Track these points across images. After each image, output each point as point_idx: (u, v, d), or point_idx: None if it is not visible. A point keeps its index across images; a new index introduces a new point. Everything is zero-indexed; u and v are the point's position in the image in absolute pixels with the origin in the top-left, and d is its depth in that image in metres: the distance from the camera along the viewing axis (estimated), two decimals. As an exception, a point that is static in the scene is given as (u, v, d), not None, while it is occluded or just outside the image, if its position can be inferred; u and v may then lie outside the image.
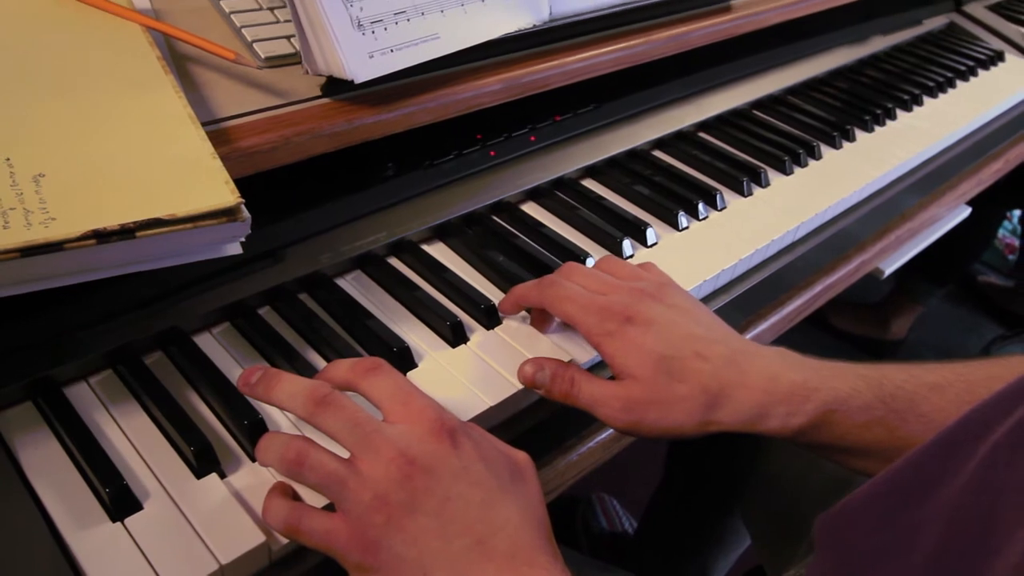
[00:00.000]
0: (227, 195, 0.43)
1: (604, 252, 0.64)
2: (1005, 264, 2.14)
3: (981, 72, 1.07)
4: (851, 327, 1.84)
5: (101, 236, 0.40)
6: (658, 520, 1.13)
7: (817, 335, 1.84)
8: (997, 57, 1.12)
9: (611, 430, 0.58)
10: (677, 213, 0.67)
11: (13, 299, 0.40)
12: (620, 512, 1.36)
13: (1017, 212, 2.17)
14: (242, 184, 0.44)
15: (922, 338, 1.85)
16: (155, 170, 0.44)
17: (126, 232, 0.40)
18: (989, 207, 1.60)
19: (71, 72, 0.49)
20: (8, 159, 0.42)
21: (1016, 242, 2.13)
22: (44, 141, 0.44)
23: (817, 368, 0.51)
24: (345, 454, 0.40)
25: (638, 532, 1.21)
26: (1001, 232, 2.19)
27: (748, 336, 0.72)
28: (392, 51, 0.57)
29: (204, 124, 0.48)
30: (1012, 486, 0.32)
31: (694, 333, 0.50)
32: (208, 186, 0.44)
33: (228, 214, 0.43)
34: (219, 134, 0.50)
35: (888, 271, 0.98)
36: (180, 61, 0.56)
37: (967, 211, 1.08)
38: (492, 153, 0.67)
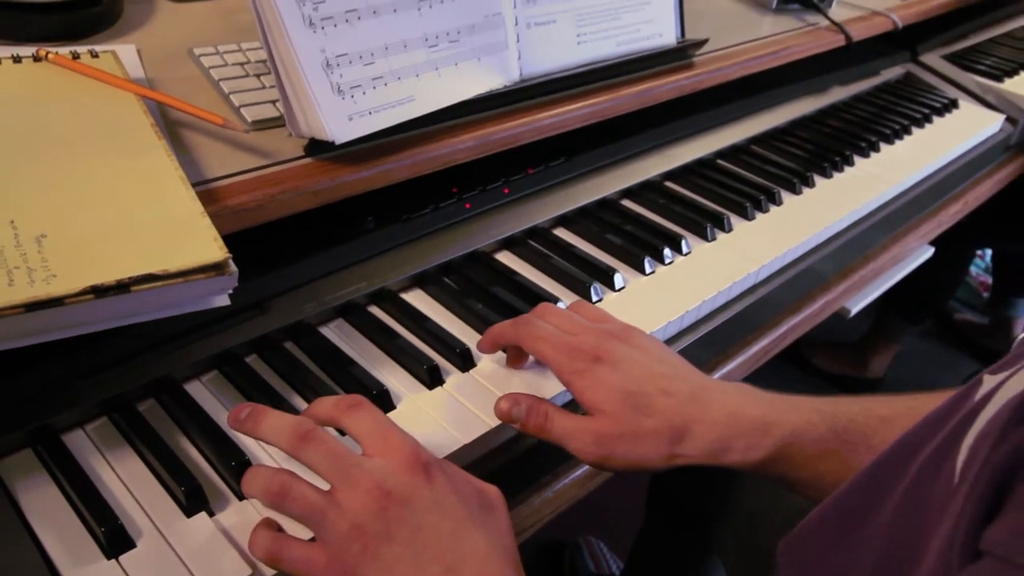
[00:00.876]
0: (215, 251, 0.47)
1: (574, 297, 0.67)
2: (980, 301, 2.19)
3: (936, 119, 1.13)
4: (830, 366, 1.88)
5: (99, 291, 0.43)
6: (641, 562, 1.15)
7: (797, 374, 1.87)
8: (952, 104, 1.18)
9: (585, 467, 0.61)
10: (643, 259, 0.71)
11: (14, 351, 0.43)
12: (607, 555, 1.38)
13: (989, 251, 2.23)
14: (231, 239, 0.47)
15: (900, 376, 1.89)
16: (149, 229, 0.47)
17: (122, 287, 0.43)
18: (957, 247, 1.65)
19: (71, 139, 0.53)
20: (12, 221, 0.46)
21: (990, 280, 2.18)
22: (46, 204, 0.47)
23: (775, 403, 0.54)
24: (327, 487, 0.43)
25: (624, 574, 1.22)
26: (975, 270, 2.25)
27: (717, 374, 0.75)
28: (370, 113, 0.61)
29: (194, 184, 0.52)
30: (930, 503, 0.35)
31: (658, 371, 0.53)
32: (198, 243, 0.47)
33: (216, 268, 0.46)
34: (208, 194, 0.54)
35: (854, 310, 1.02)
36: (172, 126, 0.60)
37: (930, 251, 1.13)
38: (467, 205, 0.71)
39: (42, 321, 0.42)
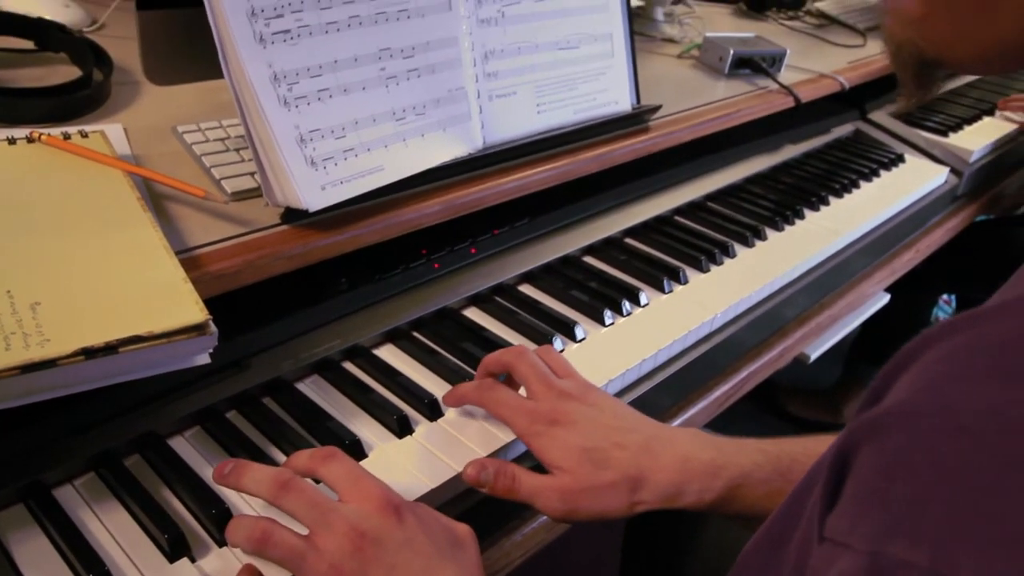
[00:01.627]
0: (197, 313, 0.51)
1: (538, 349, 0.71)
2: (948, 345, 2.24)
3: (884, 173, 1.20)
4: (806, 413, 1.92)
5: (89, 353, 0.47)
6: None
7: (773, 421, 1.91)
8: (899, 159, 1.25)
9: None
10: (603, 311, 0.76)
11: (7, 411, 0.46)
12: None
13: (954, 296, 2.29)
14: (213, 302, 0.52)
15: (874, 420, 1.92)
16: (135, 294, 0.51)
17: (110, 349, 0.47)
18: (917, 293, 1.71)
19: (64, 213, 0.57)
20: (8, 291, 0.50)
21: (956, 324, 2.24)
22: (40, 274, 0.51)
23: (723, 447, 0.58)
24: (306, 532, 0.46)
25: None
26: (942, 315, 2.31)
27: (680, 420, 0.79)
28: (342, 183, 0.66)
29: (178, 253, 0.56)
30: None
31: (613, 426, 0.57)
32: (181, 306, 0.51)
33: (198, 329, 0.50)
34: (191, 260, 0.58)
35: (814, 355, 1.06)
36: (157, 199, 0.64)
37: (886, 298, 1.18)
38: (436, 265, 0.75)
39: (36, 382, 0.46)
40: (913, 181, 1.19)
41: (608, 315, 0.76)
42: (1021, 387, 0.23)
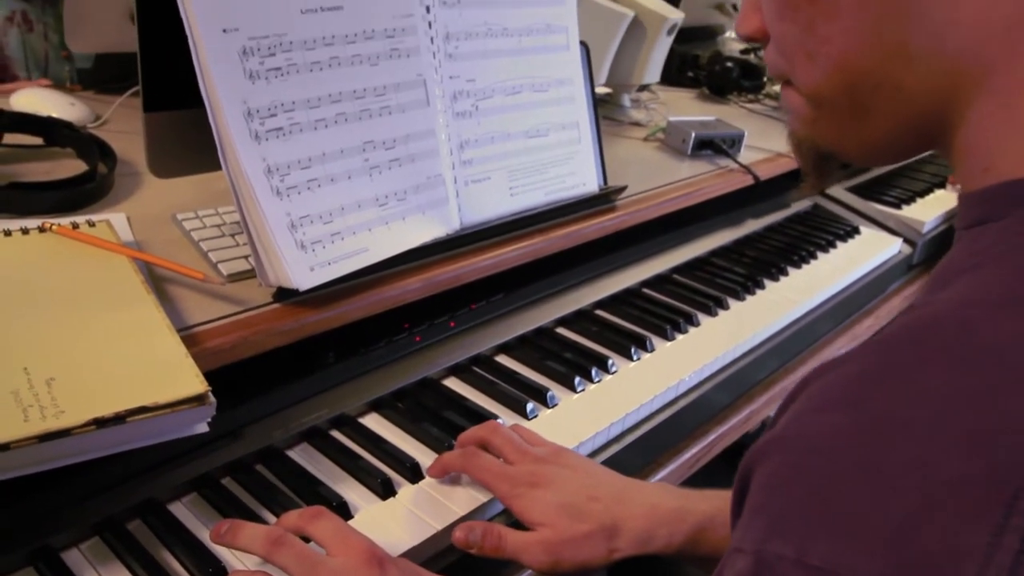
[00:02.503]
0: (197, 385, 0.55)
1: (514, 415, 0.76)
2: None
3: (840, 244, 1.27)
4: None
5: (100, 423, 0.51)
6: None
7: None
8: (854, 231, 1.33)
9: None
10: (574, 379, 0.81)
11: (19, 479, 0.50)
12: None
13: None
14: (209, 375, 0.56)
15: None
16: (141, 369, 0.56)
17: (119, 419, 0.52)
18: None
19: (75, 296, 0.63)
20: (26, 368, 0.55)
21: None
22: (54, 352, 0.56)
23: (688, 495, 0.64)
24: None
25: None
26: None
27: (652, 480, 0.84)
28: (330, 264, 0.72)
29: (179, 330, 0.61)
30: None
31: (586, 483, 0.63)
32: (182, 379, 0.56)
33: (198, 400, 0.55)
34: (191, 337, 0.63)
35: (781, 419, 1.11)
36: (159, 281, 0.70)
37: (848, 362, 1.24)
38: (417, 338, 0.81)
39: (52, 450, 0.50)
40: (868, 251, 1.26)
41: (579, 382, 0.81)
42: (857, 413, 0.29)
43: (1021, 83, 0.34)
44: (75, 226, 0.72)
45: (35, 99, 0.99)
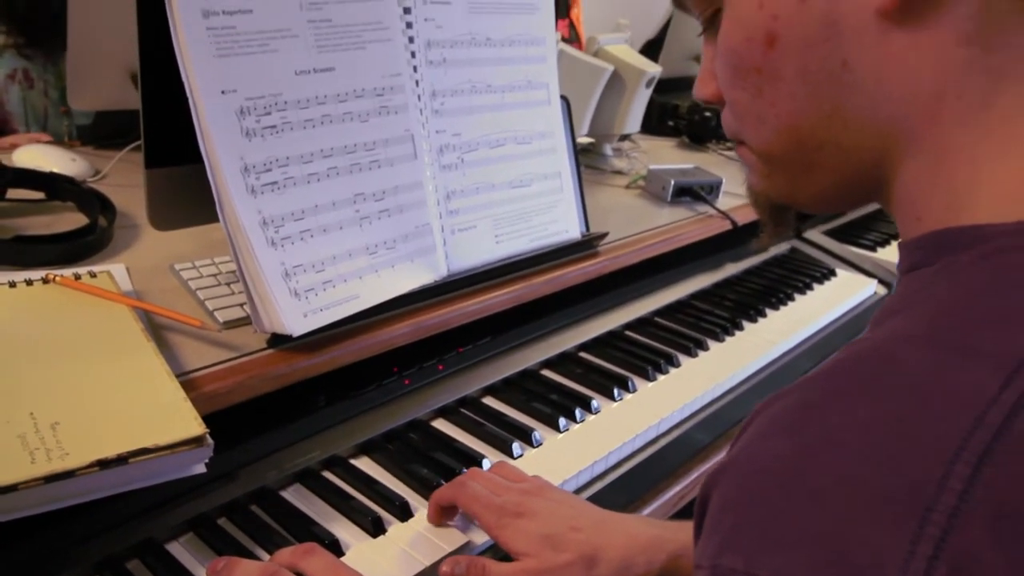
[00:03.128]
0: (196, 427, 0.58)
1: (500, 454, 0.79)
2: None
3: (817, 286, 1.31)
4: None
5: (103, 464, 0.54)
6: None
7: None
8: (830, 273, 1.37)
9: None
10: (558, 419, 0.84)
11: (23, 521, 0.52)
12: None
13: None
14: (205, 419, 0.59)
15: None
16: (141, 412, 0.59)
17: (122, 460, 0.55)
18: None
19: (78, 344, 0.65)
20: (32, 413, 0.57)
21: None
22: (58, 397, 0.59)
23: (666, 525, 0.67)
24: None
25: None
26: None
27: (635, 519, 0.86)
28: (322, 310, 0.75)
29: (178, 375, 0.64)
30: None
31: (568, 514, 0.65)
32: (181, 422, 0.59)
33: (197, 441, 0.58)
34: (189, 382, 0.66)
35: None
36: (158, 329, 0.73)
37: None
38: (406, 381, 0.84)
39: (57, 491, 0.53)
40: (844, 293, 1.30)
41: (563, 422, 0.84)
42: (796, 438, 0.32)
43: (943, 146, 0.38)
44: (77, 277, 0.75)
45: (37, 155, 1.03)
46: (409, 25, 0.83)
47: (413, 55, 0.84)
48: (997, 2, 0.35)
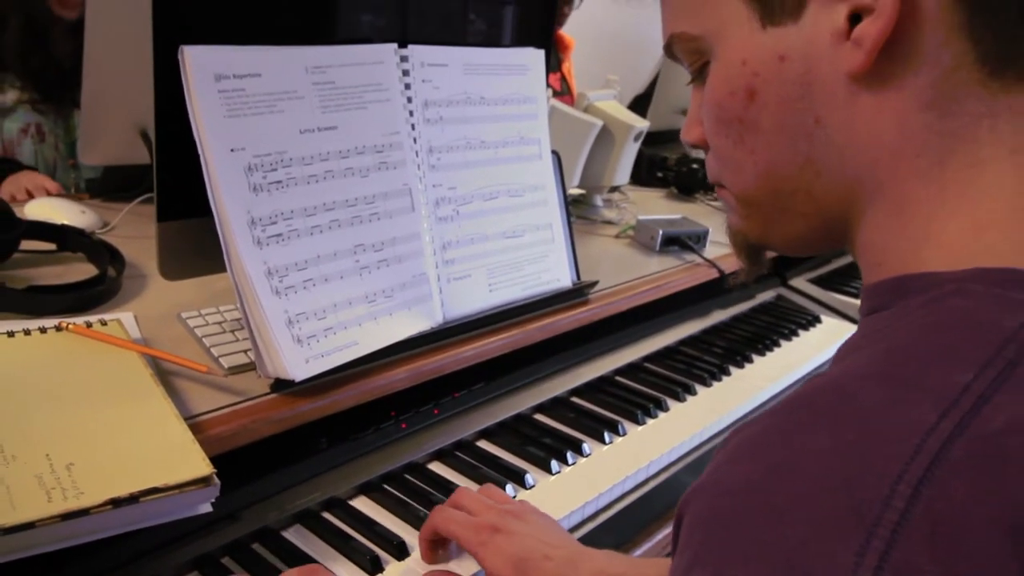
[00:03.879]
0: (204, 467, 0.61)
1: (494, 496, 0.81)
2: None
3: (802, 333, 1.35)
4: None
5: (116, 502, 0.57)
6: None
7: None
8: (815, 320, 1.41)
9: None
10: (550, 461, 0.87)
11: (35, 559, 0.55)
12: None
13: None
14: (212, 461, 0.62)
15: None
16: (151, 453, 0.62)
17: (133, 499, 0.57)
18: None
19: (91, 388, 0.69)
20: (47, 455, 0.60)
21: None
22: (73, 439, 0.62)
23: (635, 563, 0.70)
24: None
25: None
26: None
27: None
28: (323, 356, 0.78)
29: (186, 418, 0.67)
30: None
31: (543, 540, 0.68)
32: (190, 462, 0.62)
33: (204, 481, 0.60)
34: (195, 426, 0.69)
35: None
36: (166, 375, 0.76)
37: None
38: (404, 425, 0.87)
39: (72, 528, 0.56)
40: (829, 339, 1.34)
41: (555, 465, 0.87)
42: (760, 463, 0.36)
43: (903, 199, 0.42)
44: (89, 325, 0.78)
45: (48, 208, 1.07)
46: (408, 86, 0.88)
47: (411, 114, 0.89)
48: (953, 73, 0.40)
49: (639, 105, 1.98)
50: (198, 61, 0.71)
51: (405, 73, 0.88)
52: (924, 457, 0.31)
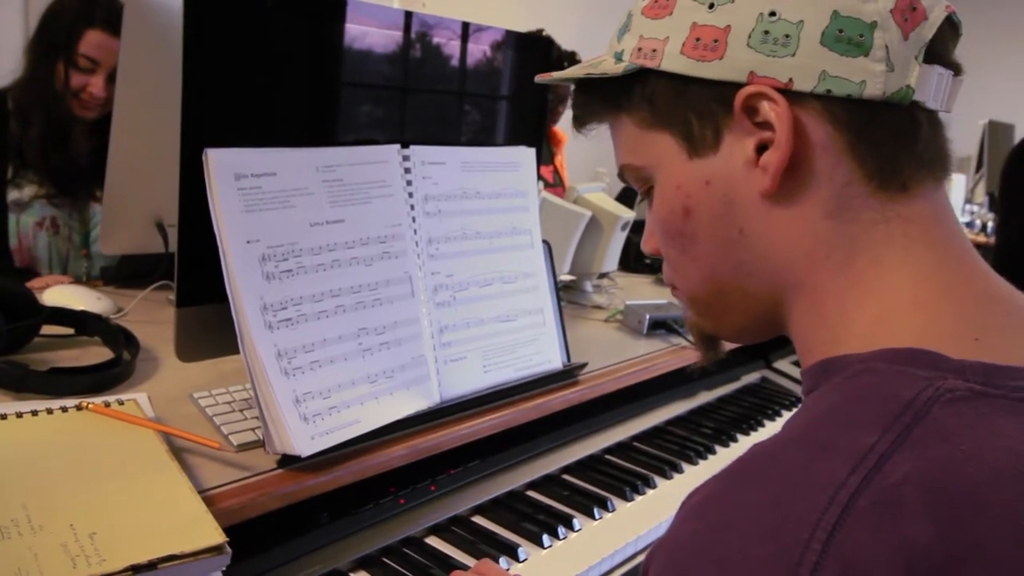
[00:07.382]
0: (217, 537, 0.65)
1: (488, 569, 0.85)
2: None
3: (785, 413, 1.40)
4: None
5: (136, 569, 0.61)
6: None
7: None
8: (798, 401, 1.46)
9: None
10: (542, 536, 0.90)
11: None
12: None
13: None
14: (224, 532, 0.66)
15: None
16: (168, 523, 0.66)
17: (151, 565, 0.62)
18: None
19: (109, 464, 0.73)
20: (72, 524, 0.64)
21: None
22: (95, 510, 0.66)
23: None
24: None
25: None
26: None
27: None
28: (327, 433, 0.83)
29: (199, 492, 0.71)
30: None
31: None
32: (204, 532, 0.66)
33: (217, 550, 0.65)
34: (208, 498, 0.73)
35: None
36: (179, 451, 0.80)
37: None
38: (402, 501, 0.91)
39: (94, 593, 0.60)
40: (812, 419, 1.38)
41: (546, 539, 0.91)
42: (704, 520, 0.41)
43: (819, 294, 0.49)
44: (107, 404, 0.83)
45: (66, 295, 1.13)
46: (409, 183, 0.96)
47: (412, 207, 0.96)
48: (847, 188, 0.48)
49: (626, 196, 2.08)
50: (220, 162, 0.78)
51: (407, 171, 0.96)
52: (836, 508, 0.38)
